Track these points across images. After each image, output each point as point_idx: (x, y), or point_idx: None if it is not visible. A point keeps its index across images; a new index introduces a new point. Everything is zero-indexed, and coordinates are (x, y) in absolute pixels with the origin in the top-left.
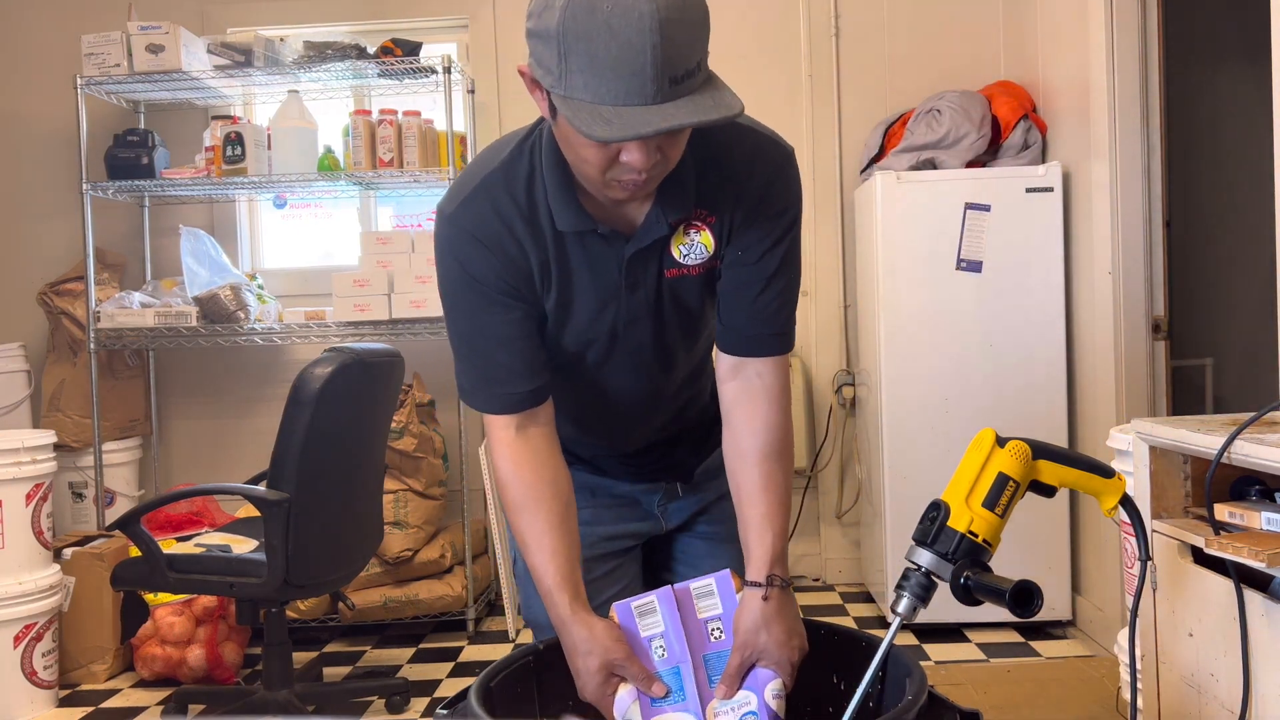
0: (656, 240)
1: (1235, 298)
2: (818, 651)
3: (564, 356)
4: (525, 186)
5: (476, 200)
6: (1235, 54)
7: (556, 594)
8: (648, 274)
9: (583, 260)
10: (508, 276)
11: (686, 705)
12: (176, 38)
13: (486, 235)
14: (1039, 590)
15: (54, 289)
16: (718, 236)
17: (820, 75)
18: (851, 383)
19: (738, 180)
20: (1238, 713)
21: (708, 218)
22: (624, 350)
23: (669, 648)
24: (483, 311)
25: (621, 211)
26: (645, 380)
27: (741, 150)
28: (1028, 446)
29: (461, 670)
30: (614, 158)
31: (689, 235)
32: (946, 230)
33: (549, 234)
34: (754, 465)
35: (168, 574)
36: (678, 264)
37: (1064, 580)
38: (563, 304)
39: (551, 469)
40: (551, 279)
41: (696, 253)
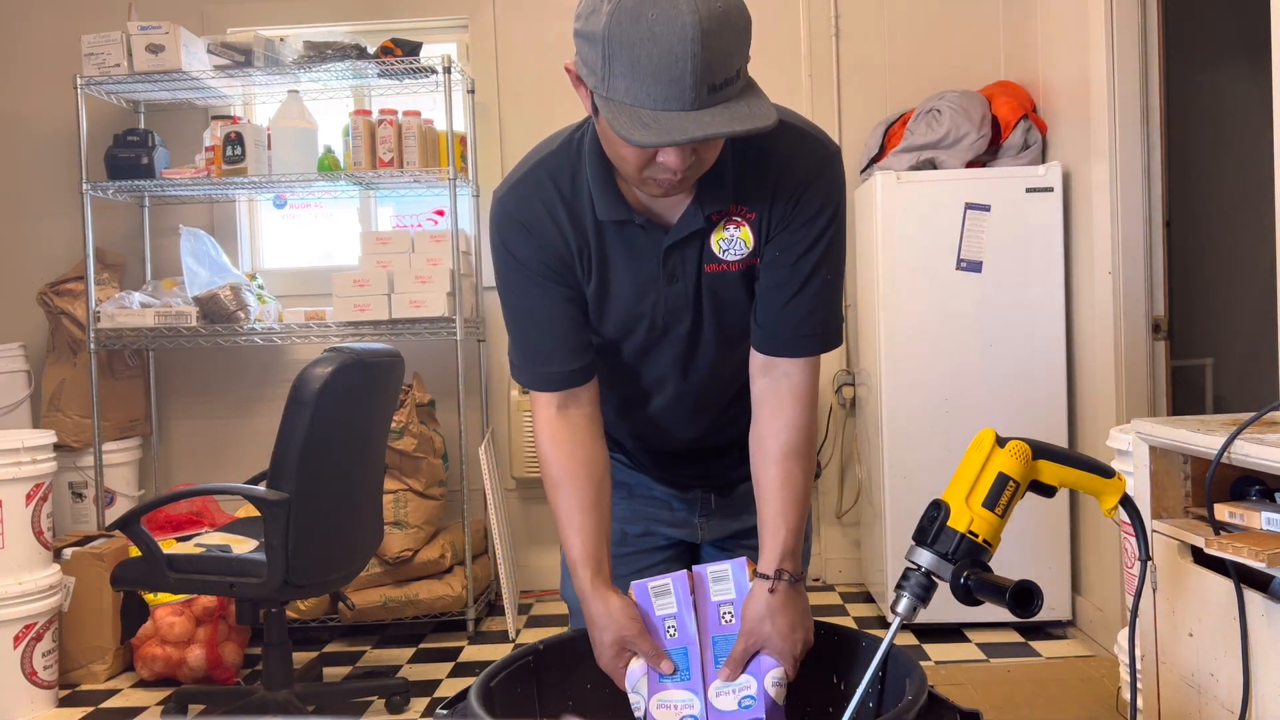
0: (694, 233)
1: (1235, 298)
2: (818, 651)
3: (605, 345)
4: (570, 175)
5: (523, 185)
6: (1235, 54)
7: (580, 569)
8: (686, 267)
9: (622, 249)
10: (548, 260)
11: (691, 685)
12: (176, 38)
13: (529, 219)
14: (1039, 590)
15: (54, 289)
16: (757, 233)
17: (820, 75)
18: (851, 383)
19: (777, 178)
20: (1238, 713)
21: (748, 214)
22: (663, 342)
23: (680, 629)
24: (525, 292)
25: (661, 204)
26: (684, 377)
27: (783, 148)
28: (1028, 446)
29: (461, 670)
30: (651, 158)
31: (728, 230)
32: (946, 230)
33: (590, 222)
34: (774, 463)
35: (168, 574)
36: (717, 259)
37: (1064, 580)
38: (601, 291)
39: (587, 450)
40: (591, 265)
41: (736, 248)
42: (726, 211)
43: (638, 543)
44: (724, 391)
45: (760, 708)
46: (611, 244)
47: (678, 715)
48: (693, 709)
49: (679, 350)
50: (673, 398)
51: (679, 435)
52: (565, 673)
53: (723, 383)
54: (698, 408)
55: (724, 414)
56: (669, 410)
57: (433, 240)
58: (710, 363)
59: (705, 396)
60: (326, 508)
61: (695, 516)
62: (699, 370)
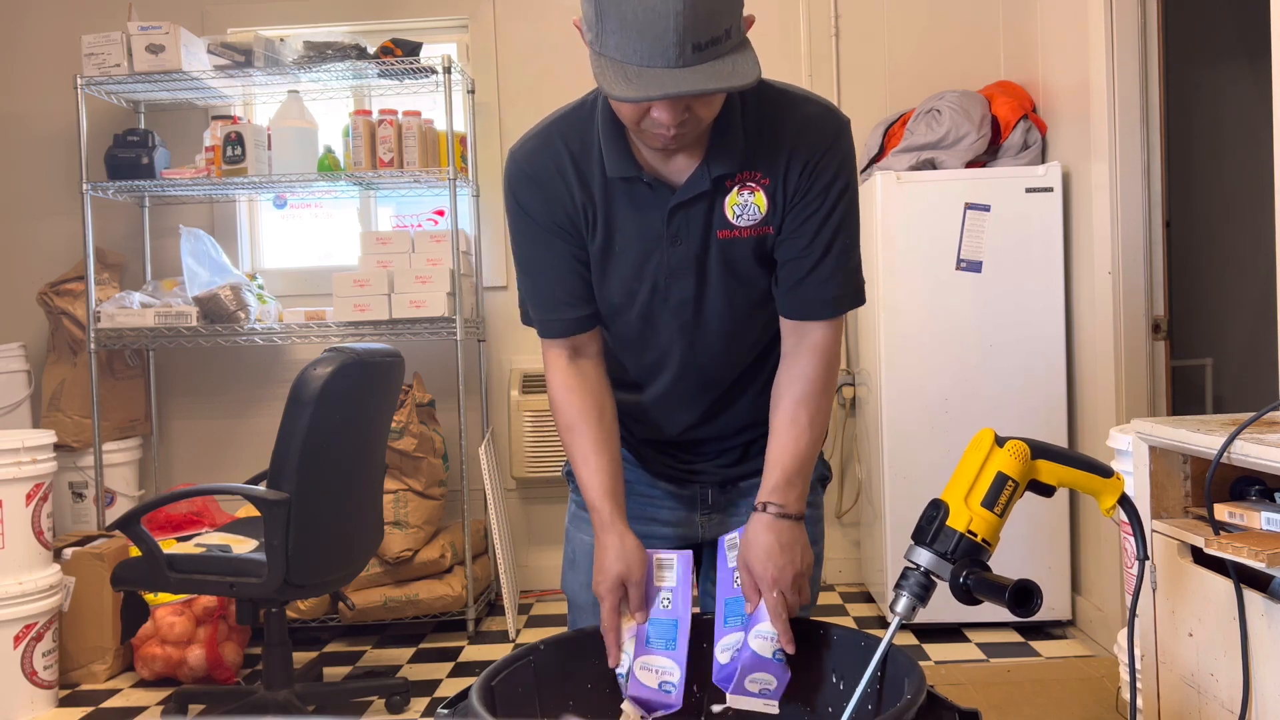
0: (700, 194)
1: (1235, 298)
2: (818, 651)
3: (610, 307)
4: (581, 134)
5: (535, 140)
6: (1235, 54)
7: (599, 504)
8: (692, 230)
9: (629, 208)
10: (555, 214)
11: (675, 655)
12: (176, 38)
13: (537, 173)
14: (1038, 589)
15: (54, 289)
16: (771, 200)
17: (820, 75)
18: (851, 383)
19: (791, 147)
20: (1237, 713)
21: (761, 179)
22: (665, 309)
23: (674, 603)
24: (534, 242)
25: (671, 164)
26: (688, 348)
27: (795, 119)
28: (1026, 446)
29: (461, 670)
30: (645, 112)
31: (743, 196)
32: (946, 230)
33: (598, 179)
34: (783, 409)
35: (168, 574)
36: (731, 225)
37: (1064, 580)
38: (606, 248)
39: (598, 395)
40: (597, 223)
41: (750, 214)
42: (740, 177)
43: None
44: (730, 368)
45: (740, 658)
46: (619, 202)
47: (657, 679)
48: (672, 676)
49: (683, 318)
50: (678, 371)
51: (683, 417)
52: (565, 673)
53: (729, 359)
54: (703, 385)
55: (730, 395)
56: (674, 387)
57: (433, 240)
58: (716, 335)
59: (710, 373)
60: (326, 508)
61: (696, 514)
62: (704, 341)
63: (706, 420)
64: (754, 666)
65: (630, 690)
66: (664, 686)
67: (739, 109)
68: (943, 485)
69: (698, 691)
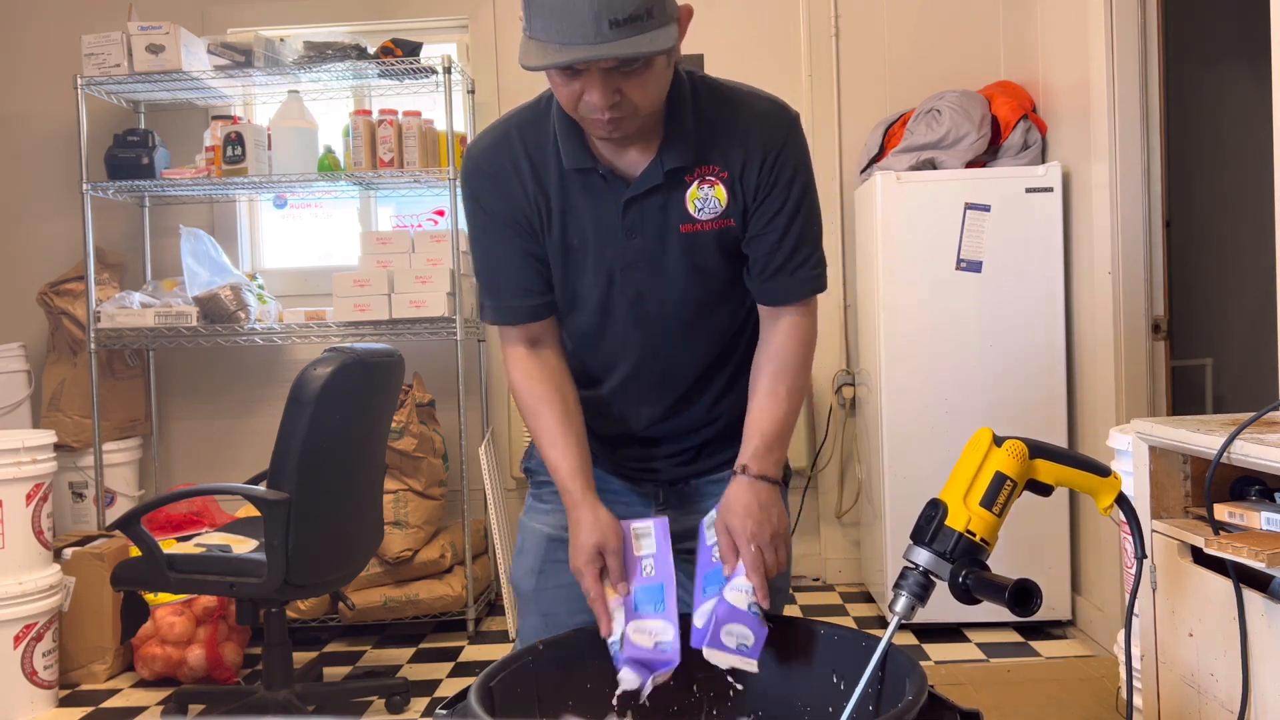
0: (655, 188)
1: (1235, 298)
2: (818, 651)
3: (569, 300)
4: (538, 128)
5: (491, 137)
6: (1235, 54)
7: (569, 482)
8: (650, 223)
9: (586, 201)
10: (512, 209)
11: (666, 615)
12: (176, 38)
13: (493, 169)
14: (1038, 589)
15: (54, 289)
16: (730, 191)
17: (820, 75)
18: (851, 383)
19: (745, 145)
20: (1237, 713)
21: (720, 173)
22: (624, 298)
23: (657, 568)
24: (489, 237)
25: (625, 157)
26: (645, 337)
27: (749, 115)
28: (1025, 445)
29: (461, 670)
30: (578, 96)
31: (703, 190)
32: (946, 230)
33: (555, 173)
34: (762, 382)
35: (168, 574)
36: (693, 219)
37: (1064, 580)
38: (563, 244)
39: (559, 379)
40: (553, 217)
41: (711, 207)
42: (699, 171)
43: None
44: (690, 364)
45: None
46: (576, 195)
47: (653, 640)
48: (666, 635)
49: (640, 310)
50: (635, 365)
51: (643, 413)
52: (565, 673)
53: (689, 354)
54: (662, 380)
55: (691, 393)
56: (633, 381)
57: (433, 240)
58: (675, 328)
59: (670, 368)
60: (326, 508)
61: (650, 510)
62: (662, 334)
63: (667, 417)
64: (729, 618)
65: (626, 654)
66: (659, 646)
67: (690, 105)
68: (942, 485)
69: (697, 692)
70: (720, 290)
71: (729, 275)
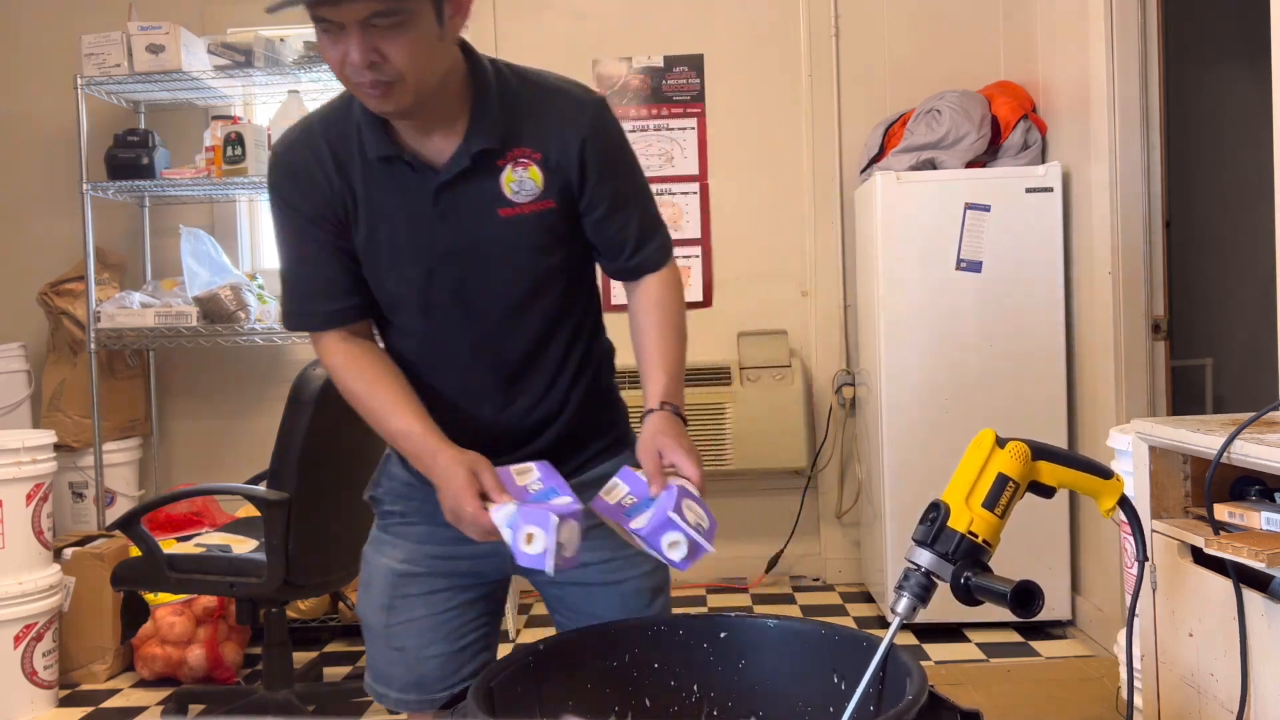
0: (464, 173)
1: (1235, 298)
2: (818, 651)
3: (389, 299)
4: (341, 122)
5: (293, 134)
6: (1235, 54)
7: (422, 439)
8: (464, 209)
9: (394, 191)
10: (317, 206)
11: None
12: (176, 38)
13: (294, 166)
14: (1040, 590)
15: (54, 289)
16: (546, 173)
17: (820, 75)
18: (851, 383)
19: (560, 126)
20: (1236, 712)
21: (532, 154)
22: (445, 288)
23: (545, 480)
24: (293, 234)
25: (430, 144)
26: (476, 333)
27: (558, 100)
28: (1027, 447)
29: None
30: (342, 60)
31: (517, 172)
32: (946, 230)
33: (359, 166)
34: (647, 330)
35: (168, 574)
36: (511, 202)
37: (1064, 580)
38: (372, 240)
39: (383, 363)
40: (359, 211)
41: (527, 189)
42: (511, 155)
43: (430, 564)
44: (527, 353)
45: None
46: (382, 187)
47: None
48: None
49: (465, 302)
50: (468, 358)
51: (484, 410)
52: (565, 673)
53: (524, 343)
54: (499, 374)
55: (533, 384)
56: (469, 375)
57: None
58: (504, 317)
59: (505, 359)
60: (326, 508)
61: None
62: (491, 323)
63: (507, 404)
64: (685, 495)
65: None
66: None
67: (495, 88)
68: (943, 485)
69: (698, 692)
70: (546, 274)
71: (555, 259)
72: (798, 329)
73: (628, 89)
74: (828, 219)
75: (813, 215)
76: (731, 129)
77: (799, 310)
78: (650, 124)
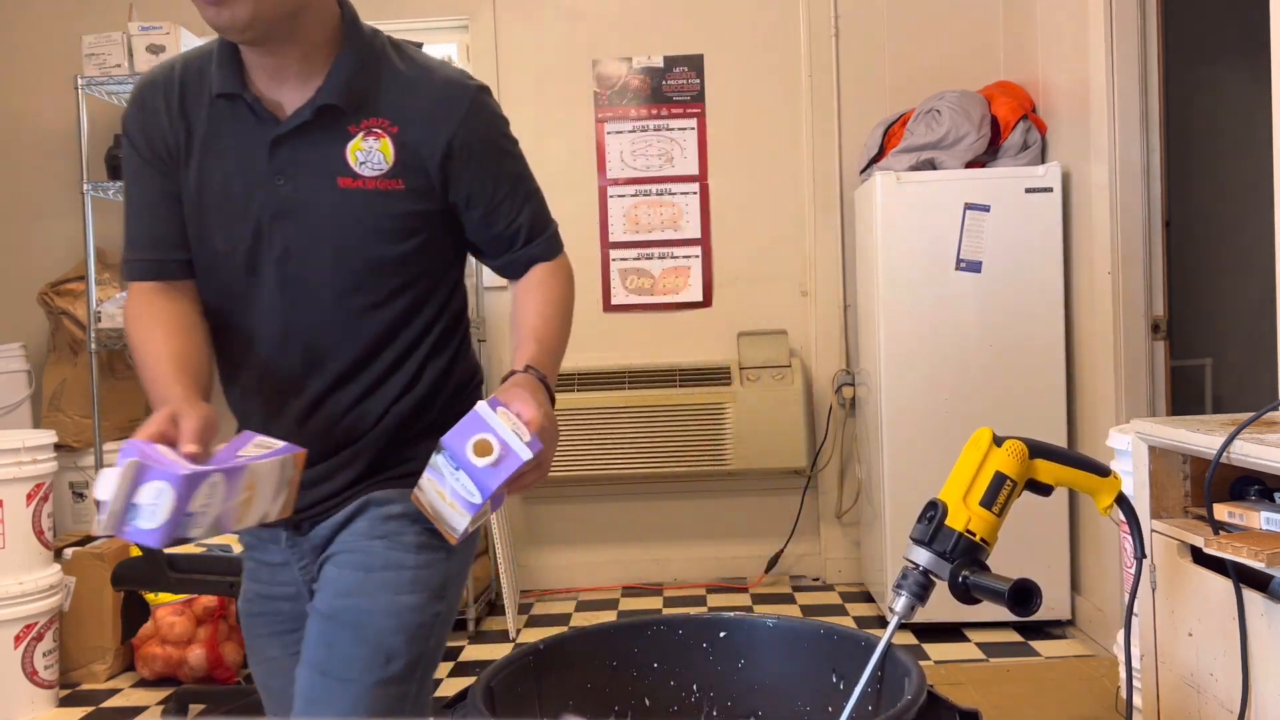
0: (307, 129)
1: (1235, 298)
2: (818, 651)
3: (212, 255)
4: (203, 58)
5: (158, 69)
6: (1235, 54)
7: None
8: (302, 170)
9: (233, 134)
10: (153, 143)
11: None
12: (177, 38)
13: (144, 100)
14: (1038, 589)
15: (54, 289)
16: (401, 150)
17: (820, 75)
18: (851, 383)
19: (431, 113)
20: (1237, 712)
21: (390, 127)
22: (271, 254)
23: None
24: (135, 176)
25: (283, 91)
26: (290, 304)
27: (435, 80)
28: (1024, 446)
29: (462, 670)
30: None
31: (367, 142)
32: (946, 230)
33: (205, 106)
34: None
35: (168, 574)
36: (354, 173)
37: (1063, 580)
38: (205, 181)
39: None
40: (193, 148)
41: (375, 161)
42: (366, 124)
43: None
44: (347, 339)
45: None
46: (221, 130)
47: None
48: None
49: (287, 273)
50: (280, 339)
51: (292, 400)
52: (565, 673)
53: (346, 329)
54: (312, 356)
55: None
56: (278, 361)
57: None
58: (326, 307)
59: (322, 342)
60: None
61: (296, 564)
62: (312, 311)
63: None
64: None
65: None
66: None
67: (366, 51)
68: (942, 485)
69: (698, 692)
70: (380, 266)
71: (392, 251)
72: (798, 329)
73: (628, 89)
74: (828, 219)
75: (813, 215)
76: (731, 129)
77: (799, 310)
78: (650, 124)
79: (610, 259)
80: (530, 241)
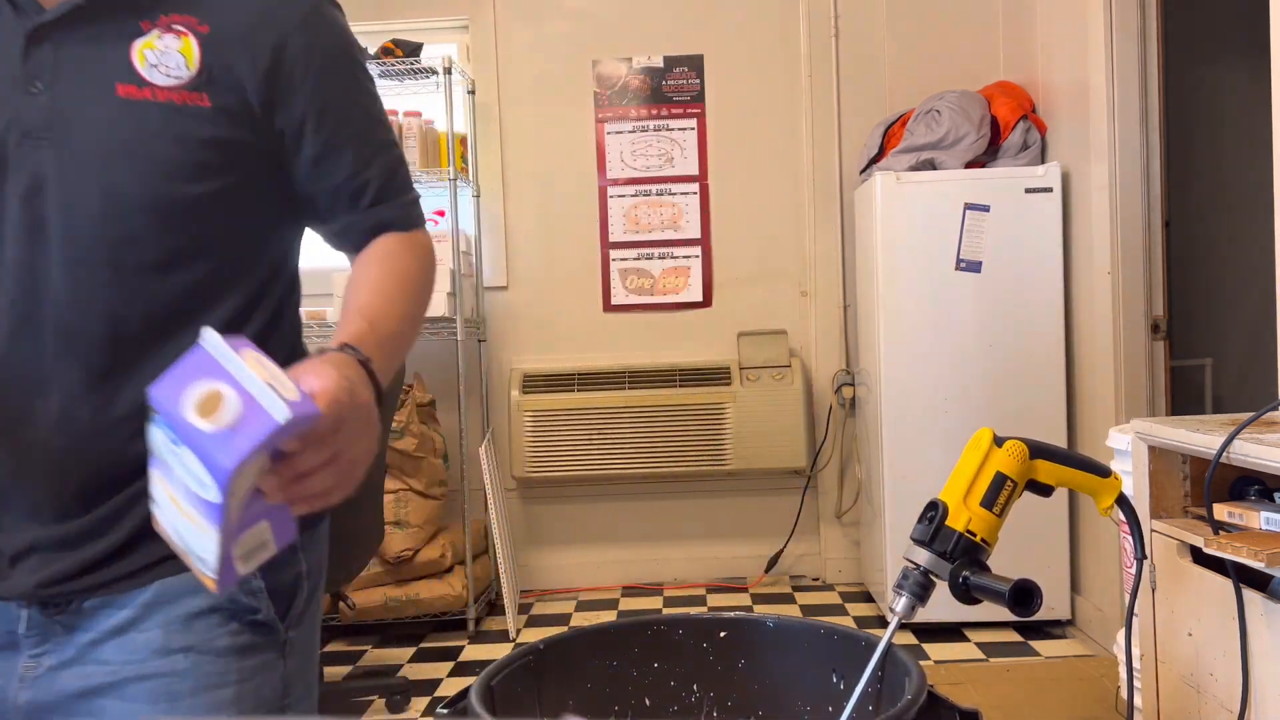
0: (77, 17)
1: (1235, 298)
2: (818, 651)
3: None
4: None
5: None
6: (1234, 54)
7: None
8: (65, 71)
9: None
10: None
11: None
12: None
13: None
14: (1038, 589)
15: None
16: (209, 54)
17: (820, 75)
18: (851, 383)
19: (265, 8)
20: (1237, 712)
21: (198, 25)
22: (16, 188)
23: None
24: None
25: None
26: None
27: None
28: (1025, 446)
29: (462, 670)
30: None
31: (164, 40)
32: (946, 230)
33: None
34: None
35: None
36: (139, 77)
37: (1063, 580)
38: None
39: None
40: None
41: (170, 64)
42: (165, 20)
43: None
44: (118, 313)
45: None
46: None
47: None
48: None
49: (36, 215)
50: (21, 305)
51: (34, 403)
52: (565, 673)
53: (117, 298)
54: (65, 339)
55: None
56: (17, 335)
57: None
58: (88, 250)
59: (81, 318)
60: None
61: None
62: (71, 253)
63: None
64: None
65: None
66: None
67: None
68: (942, 485)
69: (698, 692)
70: (170, 209)
71: (190, 190)
72: (798, 329)
73: (628, 89)
74: (828, 219)
75: (813, 215)
76: (731, 129)
77: (799, 310)
78: (650, 124)
79: (610, 259)
80: (380, 202)
